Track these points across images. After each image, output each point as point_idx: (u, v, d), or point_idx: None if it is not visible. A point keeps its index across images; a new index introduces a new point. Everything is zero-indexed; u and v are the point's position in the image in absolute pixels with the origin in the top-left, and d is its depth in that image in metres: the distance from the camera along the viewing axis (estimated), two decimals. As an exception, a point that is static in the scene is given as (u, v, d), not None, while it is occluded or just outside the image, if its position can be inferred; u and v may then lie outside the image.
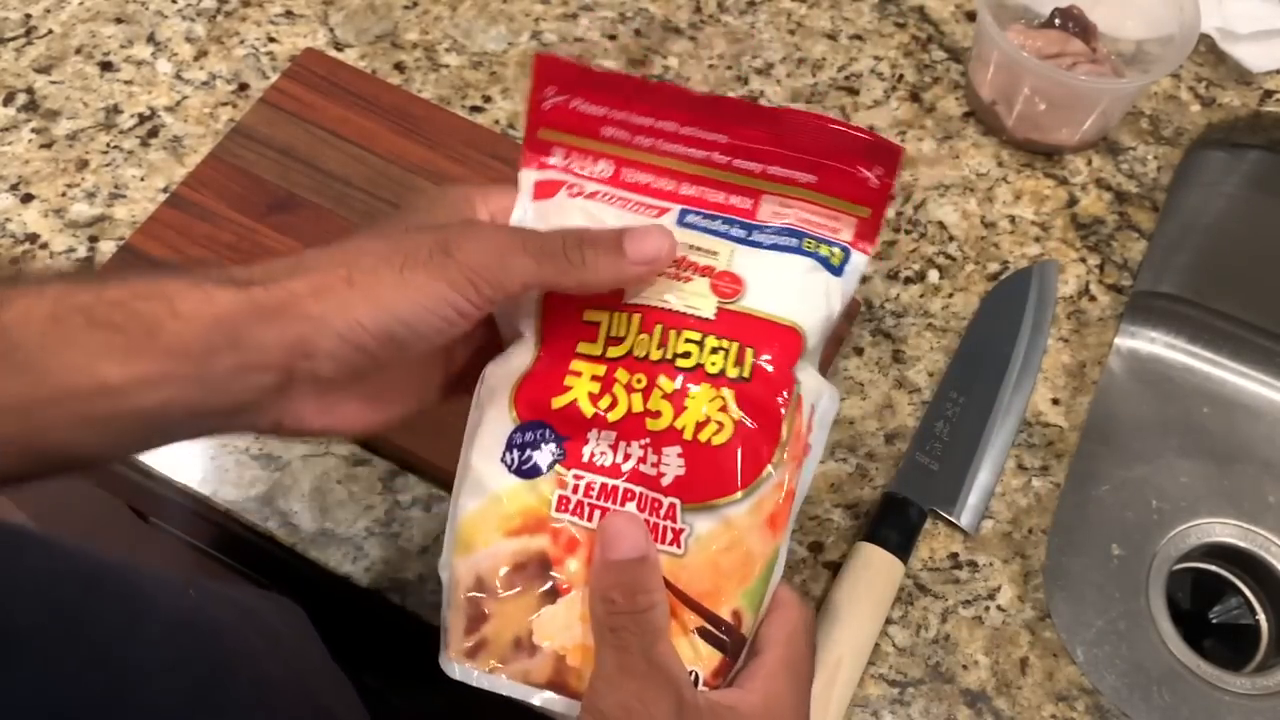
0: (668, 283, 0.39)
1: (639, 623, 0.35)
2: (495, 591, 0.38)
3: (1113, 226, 0.67)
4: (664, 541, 0.37)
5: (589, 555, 0.37)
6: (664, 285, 0.39)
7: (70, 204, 0.65)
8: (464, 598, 0.39)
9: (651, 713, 0.34)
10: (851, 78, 0.72)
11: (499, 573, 0.38)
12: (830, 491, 0.58)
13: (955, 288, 0.65)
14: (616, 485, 0.38)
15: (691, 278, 0.39)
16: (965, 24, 0.75)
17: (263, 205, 0.63)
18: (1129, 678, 0.74)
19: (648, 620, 0.35)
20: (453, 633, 0.39)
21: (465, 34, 0.73)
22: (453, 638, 0.39)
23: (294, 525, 0.56)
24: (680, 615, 0.37)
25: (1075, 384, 0.62)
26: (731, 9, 0.75)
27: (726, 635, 0.37)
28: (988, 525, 0.57)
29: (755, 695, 0.36)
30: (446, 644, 0.39)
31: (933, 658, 0.54)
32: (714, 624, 0.37)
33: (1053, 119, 0.67)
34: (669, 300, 0.39)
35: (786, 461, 0.38)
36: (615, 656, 0.35)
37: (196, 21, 0.73)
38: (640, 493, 0.38)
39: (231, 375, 0.35)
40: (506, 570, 0.38)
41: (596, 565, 0.37)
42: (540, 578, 0.38)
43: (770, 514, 0.38)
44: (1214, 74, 0.74)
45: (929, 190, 0.68)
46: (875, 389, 0.61)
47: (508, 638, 0.38)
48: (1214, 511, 0.82)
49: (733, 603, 0.37)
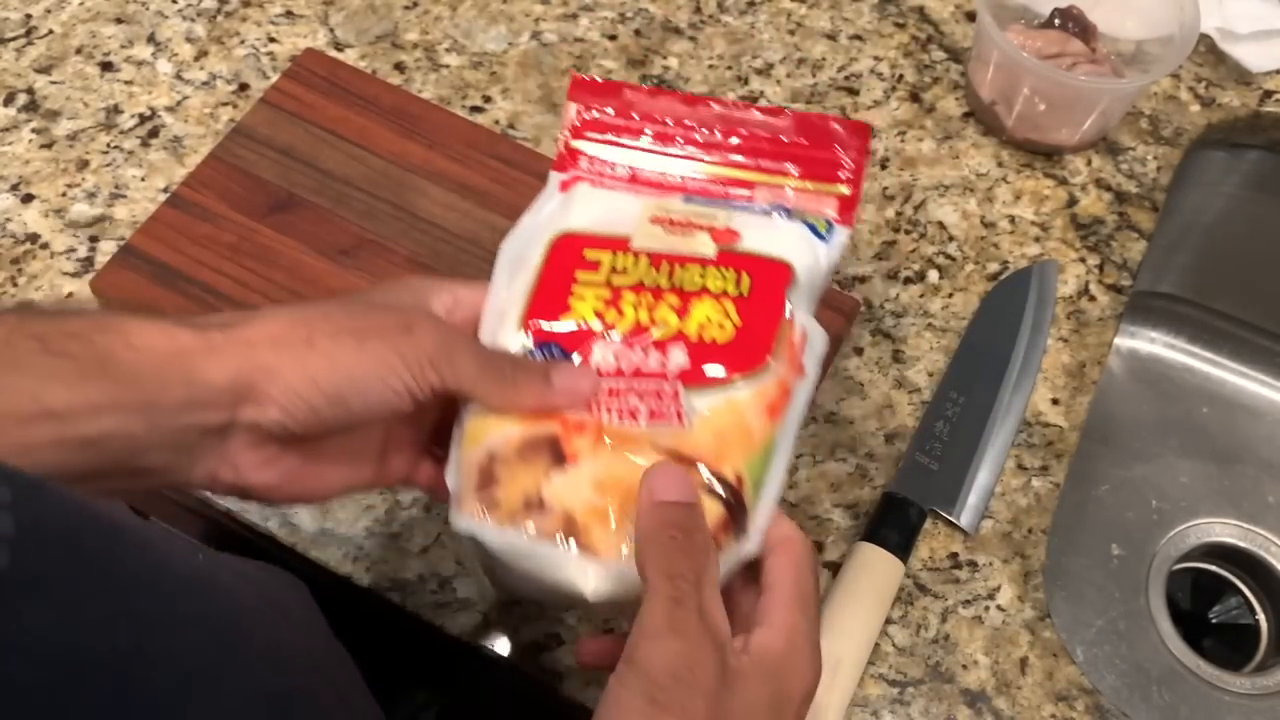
0: (672, 237, 0.44)
1: (697, 568, 0.35)
2: (507, 460, 0.40)
3: (1112, 226, 0.67)
4: (669, 419, 0.40)
5: (597, 435, 0.40)
6: (668, 238, 0.44)
7: (71, 204, 0.66)
8: (476, 464, 0.40)
9: (699, 679, 0.34)
10: (851, 78, 0.73)
11: (510, 447, 0.40)
12: (830, 491, 0.58)
13: (955, 288, 0.65)
14: (624, 382, 0.41)
15: (694, 233, 0.44)
16: (965, 24, 0.75)
17: (264, 205, 0.63)
18: (1129, 677, 0.74)
19: (705, 566, 0.35)
20: (464, 492, 0.40)
21: (465, 34, 0.73)
22: (465, 496, 0.40)
23: (294, 525, 0.56)
24: (689, 471, 0.39)
25: (1075, 384, 0.62)
26: (731, 9, 0.75)
27: (727, 493, 0.39)
28: (987, 525, 0.57)
29: (777, 632, 0.37)
30: (459, 502, 0.41)
31: (932, 657, 0.54)
32: (717, 479, 0.39)
33: (1052, 119, 0.67)
34: (674, 246, 0.44)
35: (785, 363, 0.42)
36: (667, 609, 0.34)
37: (197, 22, 0.73)
38: (646, 385, 0.41)
39: (178, 409, 0.36)
40: (517, 446, 0.40)
41: (644, 507, 0.37)
42: (549, 451, 0.40)
43: (770, 403, 0.41)
44: (1214, 74, 0.74)
45: (929, 190, 0.68)
46: (875, 389, 0.61)
47: (518, 499, 0.39)
48: (1214, 511, 0.83)
49: (735, 468, 0.40)
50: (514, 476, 0.40)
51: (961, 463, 0.58)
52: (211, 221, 0.63)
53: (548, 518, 0.39)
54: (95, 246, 0.64)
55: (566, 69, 0.72)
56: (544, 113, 0.70)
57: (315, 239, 0.62)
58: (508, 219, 0.63)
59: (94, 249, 0.64)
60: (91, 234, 0.65)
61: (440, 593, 0.55)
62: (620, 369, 0.41)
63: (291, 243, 0.62)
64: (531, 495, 0.39)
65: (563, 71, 0.71)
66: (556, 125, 0.69)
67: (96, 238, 0.64)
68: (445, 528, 0.56)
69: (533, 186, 0.64)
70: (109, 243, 0.64)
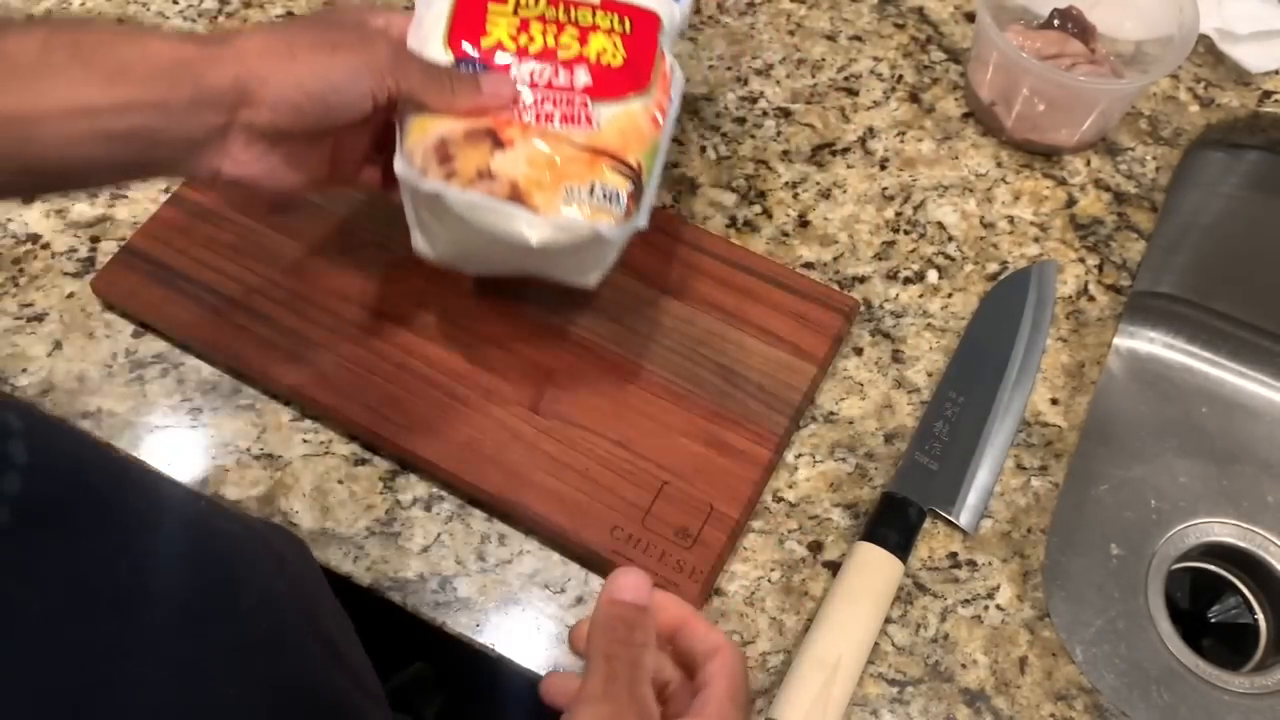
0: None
1: (630, 656, 0.40)
2: (457, 142, 0.49)
3: (1112, 227, 0.68)
4: (581, 124, 0.50)
5: (524, 130, 0.49)
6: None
7: (71, 204, 0.66)
8: (431, 147, 0.49)
9: None
10: (851, 78, 0.73)
11: (457, 134, 0.49)
12: (830, 491, 0.58)
13: (954, 288, 0.65)
14: (540, 93, 0.50)
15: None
16: (964, 25, 0.75)
17: (264, 205, 0.63)
18: (1128, 677, 0.75)
19: (638, 656, 0.40)
20: (428, 164, 0.48)
21: (465, 35, 0.73)
22: (429, 166, 0.48)
23: (295, 525, 0.56)
24: (602, 159, 0.50)
25: (1074, 384, 0.62)
26: (731, 10, 0.75)
27: (631, 171, 0.50)
28: (987, 525, 0.57)
29: (709, 719, 0.40)
30: (424, 170, 0.48)
31: (932, 657, 0.54)
32: (624, 164, 0.50)
33: (1051, 120, 0.67)
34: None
35: (660, 89, 0.53)
36: (604, 682, 0.39)
37: (198, 22, 0.73)
38: (561, 95, 0.51)
39: (188, 109, 0.44)
40: (462, 134, 0.49)
41: (603, 602, 0.41)
42: (490, 138, 0.49)
43: (653, 116, 0.52)
44: (1213, 74, 0.74)
45: (928, 191, 0.68)
46: (874, 388, 0.61)
47: (471, 169, 0.48)
48: (1213, 511, 0.83)
49: (636, 157, 0.51)
50: (465, 155, 0.48)
51: (961, 462, 0.58)
52: (213, 222, 0.63)
53: (498, 184, 0.48)
54: (96, 246, 0.64)
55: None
56: (544, 113, 0.70)
57: (316, 239, 0.63)
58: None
59: (95, 249, 0.64)
60: (93, 234, 0.65)
61: (440, 592, 0.55)
62: (534, 82, 0.51)
63: (292, 243, 0.62)
64: (482, 167, 0.48)
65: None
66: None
67: (98, 238, 0.64)
68: (445, 527, 0.56)
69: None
70: (110, 243, 0.64)
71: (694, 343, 0.60)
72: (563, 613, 0.54)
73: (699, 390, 0.58)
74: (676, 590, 0.52)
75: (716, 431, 0.57)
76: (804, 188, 0.68)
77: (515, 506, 0.55)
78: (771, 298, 0.61)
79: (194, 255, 0.62)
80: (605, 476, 0.56)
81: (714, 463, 0.56)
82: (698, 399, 0.58)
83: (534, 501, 0.55)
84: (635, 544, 0.54)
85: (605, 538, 0.54)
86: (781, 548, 0.56)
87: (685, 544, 0.54)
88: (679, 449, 0.56)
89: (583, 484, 0.55)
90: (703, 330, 0.60)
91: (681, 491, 0.55)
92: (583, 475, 0.56)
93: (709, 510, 0.55)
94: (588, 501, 0.55)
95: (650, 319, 0.61)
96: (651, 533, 0.54)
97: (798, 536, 0.57)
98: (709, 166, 0.68)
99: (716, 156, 0.69)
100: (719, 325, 0.60)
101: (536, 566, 0.56)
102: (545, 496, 0.55)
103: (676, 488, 0.55)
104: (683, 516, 0.55)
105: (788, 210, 0.67)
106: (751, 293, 0.61)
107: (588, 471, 0.56)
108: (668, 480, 0.56)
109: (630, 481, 0.55)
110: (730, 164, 0.69)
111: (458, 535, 0.56)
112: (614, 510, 0.55)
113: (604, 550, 0.54)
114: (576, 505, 0.55)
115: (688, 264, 0.62)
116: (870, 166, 0.69)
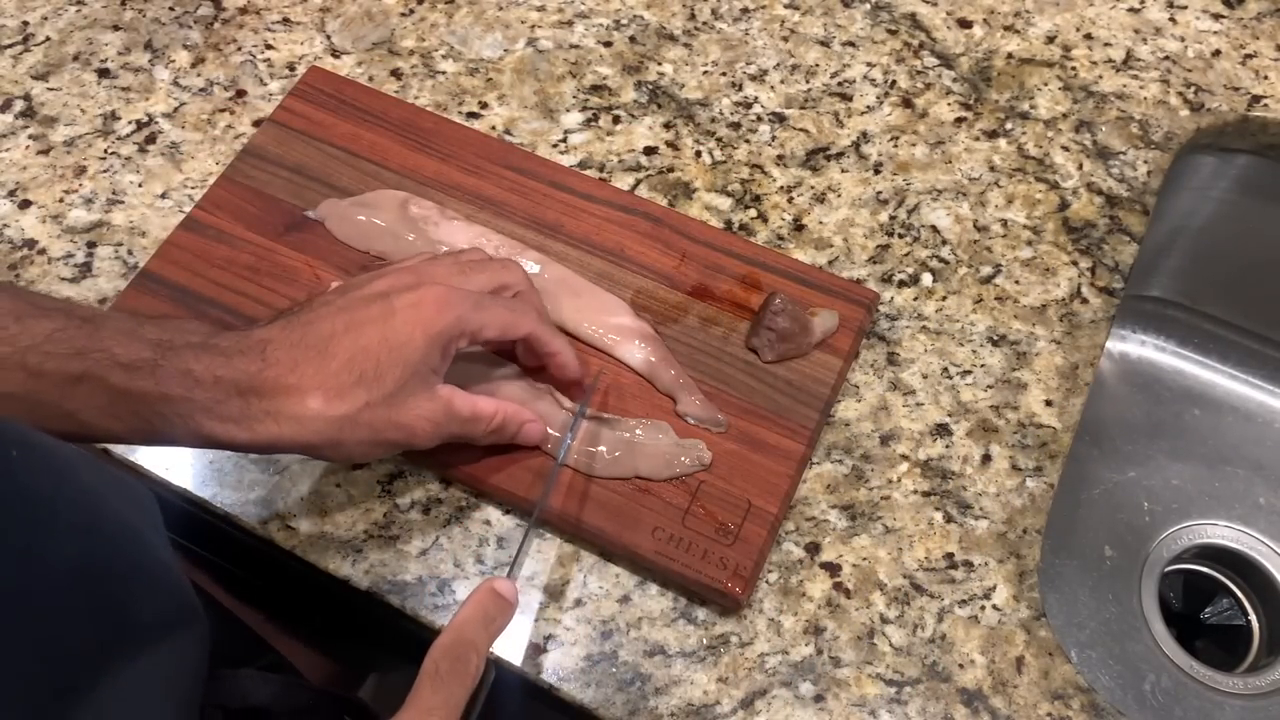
0: None
1: (460, 675, 0.45)
2: None
3: (1104, 230, 0.68)
4: None
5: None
6: None
7: (68, 210, 0.66)
8: None
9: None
10: (845, 84, 0.73)
11: None
12: (826, 493, 0.58)
13: (948, 291, 0.65)
14: None
15: None
16: (956, 30, 0.76)
17: (279, 225, 0.63)
18: (1122, 678, 0.75)
19: (469, 676, 0.45)
20: None
21: (462, 41, 0.73)
22: None
23: (293, 529, 0.56)
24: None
25: (1068, 385, 0.62)
26: (725, 16, 0.76)
27: None
28: (983, 525, 0.58)
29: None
30: None
31: (929, 657, 0.54)
32: None
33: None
34: None
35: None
36: (431, 693, 0.44)
37: (194, 29, 0.73)
38: None
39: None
40: None
41: (448, 628, 0.46)
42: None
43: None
44: (1203, 79, 0.75)
45: (922, 194, 0.69)
46: (870, 391, 0.61)
47: None
48: (1205, 513, 0.83)
49: None
50: None
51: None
52: (228, 244, 0.63)
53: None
54: (93, 252, 0.64)
55: (562, 75, 0.72)
56: (540, 118, 0.70)
57: (334, 256, 0.62)
58: (524, 228, 0.63)
59: (91, 255, 0.64)
60: (89, 240, 0.65)
61: (439, 595, 0.55)
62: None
63: (310, 260, 0.62)
64: None
65: (558, 78, 0.72)
66: (553, 130, 0.69)
67: (94, 244, 0.64)
68: (443, 530, 0.56)
69: (547, 194, 0.65)
70: (106, 248, 0.64)
71: (719, 341, 0.60)
72: (561, 615, 0.55)
73: (727, 388, 0.59)
74: (723, 588, 0.53)
75: (748, 428, 0.57)
76: (799, 192, 0.68)
77: (560, 515, 0.56)
78: (791, 293, 0.62)
79: (213, 278, 0.61)
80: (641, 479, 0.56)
81: (748, 459, 0.57)
82: (727, 397, 0.58)
83: (577, 509, 0.55)
84: (677, 544, 0.54)
85: (648, 540, 0.54)
86: (779, 549, 0.57)
87: (727, 541, 0.54)
88: (712, 447, 0.57)
89: (620, 487, 0.56)
90: (727, 328, 0.61)
91: (719, 489, 0.56)
92: (620, 479, 0.56)
93: (747, 506, 0.55)
94: (626, 504, 0.55)
95: (674, 319, 0.61)
96: (692, 532, 0.54)
97: (795, 538, 0.57)
98: (704, 171, 0.69)
99: (711, 161, 0.69)
100: (742, 323, 0.61)
101: (535, 569, 0.56)
102: (588, 503, 0.55)
103: (713, 486, 0.56)
104: (722, 514, 0.55)
105: (783, 214, 0.67)
106: (772, 289, 0.62)
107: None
108: (704, 479, 0.56)
109: (667, 482, 0.56)
110: (725, 168, 0.69)
111: (456, 538, 0.56)
112: (653, 512, 0.55)
113: (648, 552, 0.54)
114: (617, 509, 0.55)
115: (706, 263, 0.63)
116: (864, 171, 0.69)
